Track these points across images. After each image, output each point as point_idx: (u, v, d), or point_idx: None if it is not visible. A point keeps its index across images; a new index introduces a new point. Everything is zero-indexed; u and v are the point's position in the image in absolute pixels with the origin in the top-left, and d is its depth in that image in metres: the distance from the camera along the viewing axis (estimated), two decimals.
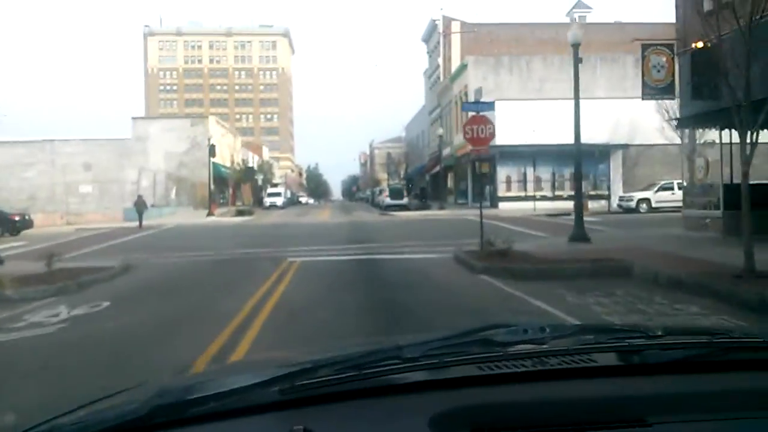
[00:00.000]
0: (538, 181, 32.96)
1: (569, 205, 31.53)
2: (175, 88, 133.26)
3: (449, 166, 45.65)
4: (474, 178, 39.40)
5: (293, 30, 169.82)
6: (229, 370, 1.49)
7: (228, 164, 51.59)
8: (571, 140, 15.32)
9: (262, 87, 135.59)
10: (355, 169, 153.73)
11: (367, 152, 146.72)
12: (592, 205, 29.86)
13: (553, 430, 0.96)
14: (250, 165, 53.25)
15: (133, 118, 49.42)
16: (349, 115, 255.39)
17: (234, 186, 59.12)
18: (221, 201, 56.38)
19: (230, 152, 52.78)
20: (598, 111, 31.90)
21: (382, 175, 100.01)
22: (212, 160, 50.40)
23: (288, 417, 0.95)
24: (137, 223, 28.67)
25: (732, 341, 1.29)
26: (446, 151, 47.54)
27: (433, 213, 32.16)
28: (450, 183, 48.03)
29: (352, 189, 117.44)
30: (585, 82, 19.93)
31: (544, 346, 1.17)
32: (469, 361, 1.10)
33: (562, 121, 33.11)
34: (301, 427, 0.90)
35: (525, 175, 33.11)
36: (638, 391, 1.07)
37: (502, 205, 32.60)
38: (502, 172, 32.96)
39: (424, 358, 1.09)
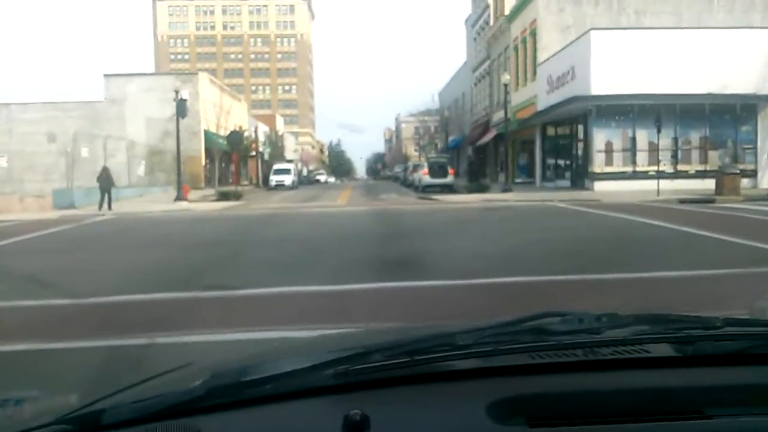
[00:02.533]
0: (652, 149, 22.50)
1: (698, 184, 21.41)
2: (186, 57, 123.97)
3: (503, 134, 35.25)
4: (547, 148, 29.05)
5: None
6: (281, 352, 1.32)
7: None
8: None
9: (279, 55, 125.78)
10: (380, 147, 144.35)
11: (393, 128, 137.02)
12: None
13: (611, 420, 0.94)
14: (247, 134, 43.32)
15: (106, 75, 39.91)
16: (375, 88, 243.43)
17: (237, 161, 49.54)
18: (226, 179, 46.94)
19: (230, 120, 43.03)
20: (742, 46, 21.28)
21: (412, 152, 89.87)
22: (206, 129, 41.12)
23: (344, 401, 0.95)
24: (97, 207, 20.87)
25: None
26: (498, 116, 37.14)
27: (497, 197, 22.07)
28: (504, 156, 37.61)
29: (377, 167, 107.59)
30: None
31: (599, 336, 1.13)
32: (522, 350, 1.08)
33: (687, 61, 22.68)
34: (359, 412, 0.89)
35: (634, 141, 22.63)
36: (696, 382, 1.05)
37: (598, 185, 22.28)
38: (598, 138, 22.59)
39: (476, 346, 1.08)
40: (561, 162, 27.72)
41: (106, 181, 21.54)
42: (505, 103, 24.59)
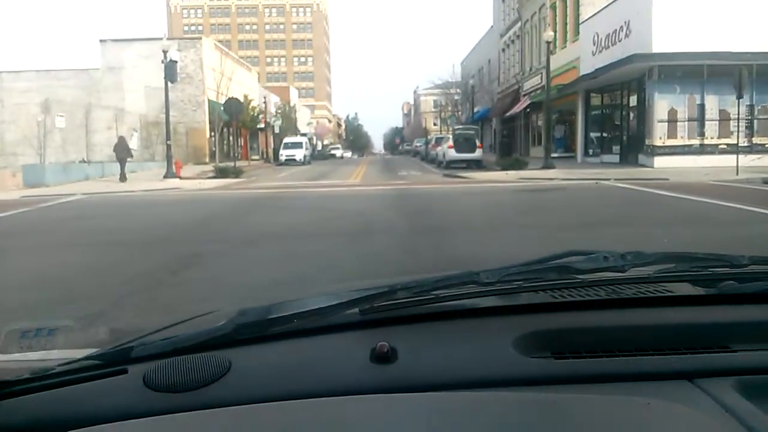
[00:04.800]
0: (724, 118, 18.88)
1: None
2: (200, 28, 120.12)
3: (538, 102, 31.64)
4: (591, 119, 25.48)
5: None
6: (307, 298, 1.27)
7: None
8: None
9: (294, 26, 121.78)
10: (398, 121, 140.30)
11: (411, 102, 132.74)
12: None
13: (634, 354, 0.95)
14: (254, 102, 40.02)
15: (102, 41, 36.82)
16: (393, 60, 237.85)
17: (246, 134, 46.45)
18: (234, 153, 43.95)
19: (235, 89, 39.85)
20: None
21: (432, 126, 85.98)
22: (212, 100, 38.02)
23: (370, 335, 0.97)
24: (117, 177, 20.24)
25: None
26: (530, 84, 33.45)
27: (539, 175, 18.75)
28: (540, 128, 34.02)
29: (395, 141, 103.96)
30: None
31: (623, 274, 1.11)
32: (546, 288, 1.10)
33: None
34: (386, 343, 0.92)
35: (702, 108, 18.97)
36: (720, 319, 1.05)
37: (659, 161, 18.78)
38: (660, 105, 18.98)
39: (500, 284, 1.07)
40: (608, 134, 24.15)
41: (122, 152, 20.90)
42: (547, 65, 21.03)
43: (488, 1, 48.16)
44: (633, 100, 21.86)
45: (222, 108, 26.10)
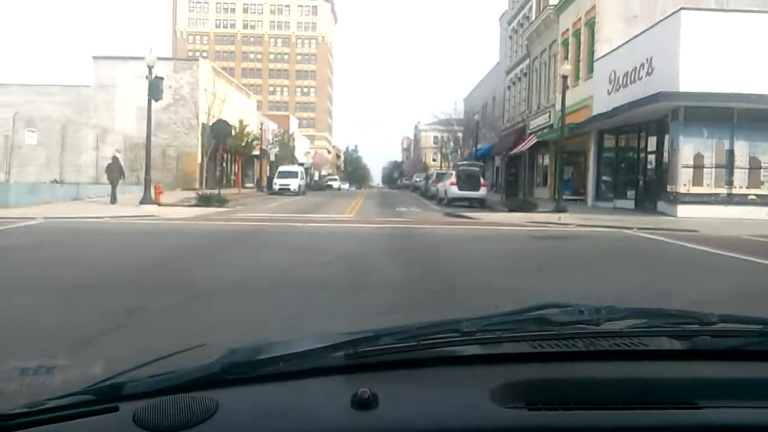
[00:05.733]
0: (754, 166, 17.35)
1: None
2: (204, 54, 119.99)
3: (544, 142, 30.27)
4: (604, 161, 24.03)
5: None
6: (294, 340, 1.31)
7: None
8: None
9: (299, 57, 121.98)
10: (397, 155, 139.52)
11: (411, 137, 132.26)
12: None
13: (604, 407, 0.97)
14: (250, 128, 38.53)
15: (95, 58, 35.56)
16: (394, 95, 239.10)
17: (241, 162, 44.95)
18: (227, 180, 42.34)
19: (230, 113, 38.48)
20: None
21: (431, 162, 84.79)
22: (206, 123, 36.58)
23: (353, 380, 0.99)
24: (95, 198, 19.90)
25: None
26: (537, 122, 32.17)
27: (549, 219, 17.10)
28: (543, 168, 32.56)
29: (394, 175, 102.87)
30: None
31: (598, 328, 1.16)
32: (524, 338, 1.12)
33: None
34: (368, 390, 0.94)
35: (731, 155, 17.42)
36: (688, 374, 1.08)
37: (682, 209, 17.16)
38: (686, 149, 17.44)
39: (480, 333, 1.10)
40: (622, 178, 22.61)
41: (114, 173, 20.46)
42: (563, 99, 19.57)
43: (494, 38, 47.45)
44: (651, 143, 20.39)
45: (209, 130, 24.45)
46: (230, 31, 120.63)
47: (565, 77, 19.66)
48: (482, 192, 24.33)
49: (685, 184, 17.37)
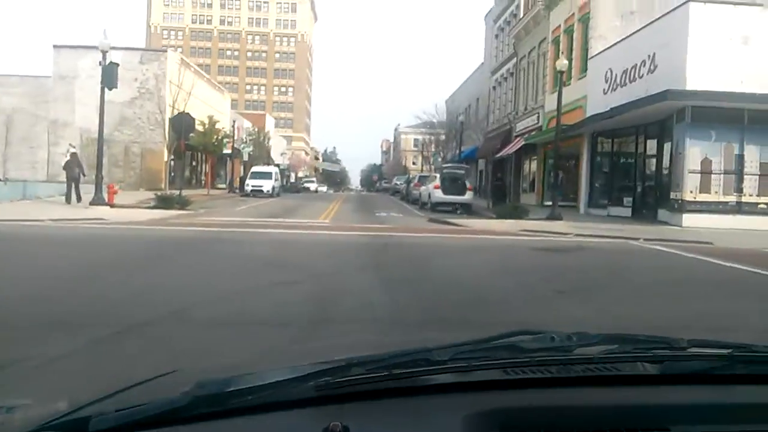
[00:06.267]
0: (766, 171, 15.97)
1: None
2: (179, 50, 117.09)
3: (531, 145, 28.80)
4: (598, 165, 22.61)
5: None
6: (265, 368, 1.30)
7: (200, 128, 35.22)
8: None
9: (277, 55, 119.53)
10: (376, 158, 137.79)
11: (391, 139, 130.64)
12: None
13: None
14: (220, 125, 36.38)
15: (56, 47, 33.14)
16: (374, 97, 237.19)
17: (213, 162, 42.77)
18: (198, 181, 40.13)
19: (197, 108, 36.36)
20: None
21: (411, 165, 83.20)
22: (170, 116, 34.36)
23: (324, 413, 0.97)
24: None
25: (754, 355, 1.28)
26: (524, 124, 30.73)
27: (544, 227, 15.54)
28: (531, 172, 31.10)
29: (373, 178, 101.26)
30: None
31: (570, 354, 1.17)
32: (496, 366, 1.12)
33: None
34: (339, 424, 0.91)
35: (741, 160, 16.00)
36: (661, 400, 1.07)
37: (688, 219, 15.72)
38: (693, 153, 15.99)
39: (452, 361, 1.11)
40: (617, 184, 21.17)
41: (73, 170, 19.07)
42: (559, 96, 18.01)
43: (479, 37, 46.04)
44: (651, 146, 18.96)
45: (170, 123, 22.41)
46: (206, 27, 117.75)
47: (561, 72, 18.14)
48: (468, 197, 22.73)
49: (691, 191, 15.91)
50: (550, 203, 26.80)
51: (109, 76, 16.81)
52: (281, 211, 20.99)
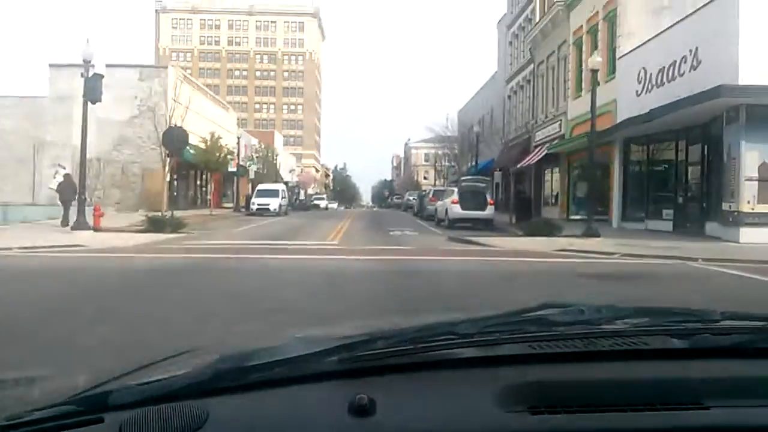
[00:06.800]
0: None
1: None
2: (188, 72, 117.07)
3: (553, 155, 26.94)
4: (633, 175, 20.69)
5: (324, 11, 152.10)
6: (286, 344, 1.26)
7: (202, 145, 33.72)
8: None
9: (285, 74, 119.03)
10: (387, 174, 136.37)
11: (401, 154, 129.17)
12: None
13: (610, 409, 0.94)
14: (224, 142, 34.85)
15: (51, 66, 31.91)
16: (384, 112, 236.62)
17: (219, 180, 41.30)
18: (203, 201, 38.59)
19: (208, 126, 34.91)
20: None
21: (422, 180, 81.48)
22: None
23: (349, 385, 0.95)
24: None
25: None
26: (545, 132, 28.90)
27: (582, 245, 13.67)
28: (553, 184, 29.19)
29: (384, 194, 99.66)
30: None
31: (599, 327, 1.14)
32: (524, 339, 1.09)
33: None
34: (365, 395, 0.89)
35: None
36: (694, 374, 1.04)
37: (746, 233, 13.75)
38: (749, 157, 14.06)
39: (479, 335, 1.09)
40: (655, 195, 19.20)
41: (67, 192, 17.88)
42: (593, 99, 16.19)
43: (491, 46, 44.45)
44: (694, 152, 17.04)
45: (162, 138, 20.83)
46: (215, 48, 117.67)
47: (594, 71, 16.32)
48: (489, 212, 20.89)
49: (748, 201, 13.94)
50: (576, 217, 24.93)
51: (93, 89, 15.31)
52: (286, 232, 19.23)
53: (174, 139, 18.33)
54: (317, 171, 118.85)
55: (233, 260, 10.40)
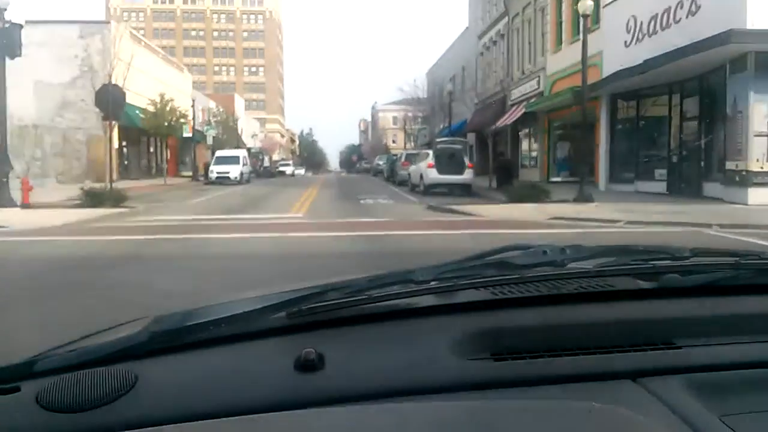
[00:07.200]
0: None
1: None
2: (142, 33, 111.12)
3: (531, 114, 25.44)
4: (621, 133, 19.34)
5: None
6: (233, 301, 1.17)
7: (151, 108, 31.11)
8: None
9: (245, 34, 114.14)
10: (354, 139, 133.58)
11: (369, 118, 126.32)
12: None
13: (576, 353, 0.91)
14: (176, 104, 32.29)
15: None
16: (350, 76, 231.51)
17: (174, 147, 38.72)
18: (158, 169, 36.06)
19: (158, 87, 32.22)
20: None
21: (391, 144, 79.43)
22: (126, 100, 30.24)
23: (296, 340, 0.89)
24: None
25: (761, 263, 1.19)
26: (521, 90, 27.33)
27: (576, 211, 12.31)
28: (531, 144, 27.80)
29: (352, 159, 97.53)
30: None
31: (564, 269, 1.08)
32: (484, 284, 1.03)
33: None
34: (312, 350, 0.85)
35: None
36: (664, 313, 1.01)
37: (755, 194, 12.54)
38: (757, 110, 12.74)
39: (436, 282, 1.02)
40: (645, 154, 17.91)
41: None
42: (584, 48, 14.63)
43: (462, 1, 42.25)
44: (690, 106, 15.71)
45: (94, 98, 18.53)
46: (169, 7, 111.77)
47: (585, 16, 14.66)
48: (468, 176, 19.39)
49: (758, 159, 12.69)
50: (557, 179, 23.63)
51: (11, 41, 13.00)
52: (245, 202, 17.38)
53: (110, 98, 16.09)
54: (282, 136, 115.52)
55: (175, 243, 8.61)
